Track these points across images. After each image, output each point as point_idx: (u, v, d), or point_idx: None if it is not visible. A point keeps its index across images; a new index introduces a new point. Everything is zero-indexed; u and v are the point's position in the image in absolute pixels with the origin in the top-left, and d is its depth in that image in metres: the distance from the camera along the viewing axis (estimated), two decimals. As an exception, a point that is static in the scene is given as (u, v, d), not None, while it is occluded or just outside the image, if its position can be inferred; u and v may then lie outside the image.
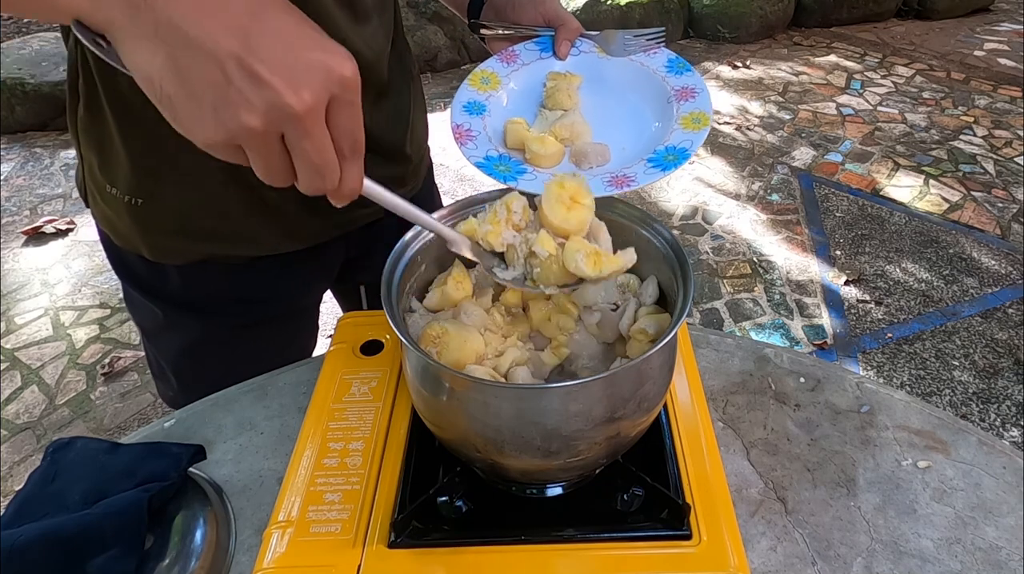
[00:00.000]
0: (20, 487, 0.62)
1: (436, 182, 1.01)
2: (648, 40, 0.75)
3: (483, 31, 0.79)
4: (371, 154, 0.77)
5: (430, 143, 0.92)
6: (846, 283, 2.27)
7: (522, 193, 0.58)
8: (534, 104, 0.73)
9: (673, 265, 0.59)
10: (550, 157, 0.66)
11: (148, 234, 0.74)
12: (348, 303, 1.05)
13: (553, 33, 0.76)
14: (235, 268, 0.79)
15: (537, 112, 0.73)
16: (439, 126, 0.92)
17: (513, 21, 0.78)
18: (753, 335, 2.09)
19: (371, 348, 0.75)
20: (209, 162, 0.69)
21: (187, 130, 0.37)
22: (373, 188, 0.47)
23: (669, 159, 0.62)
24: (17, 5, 0.38)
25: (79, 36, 0.36)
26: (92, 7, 0.34)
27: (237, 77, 0.34)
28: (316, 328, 0.98)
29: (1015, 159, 2.91)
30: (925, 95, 3.42)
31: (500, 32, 0.78)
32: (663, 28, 0.78)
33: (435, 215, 0.60)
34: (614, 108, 0.73)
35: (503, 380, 0.57)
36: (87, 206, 0.78)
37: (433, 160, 0.96)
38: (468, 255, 0.57)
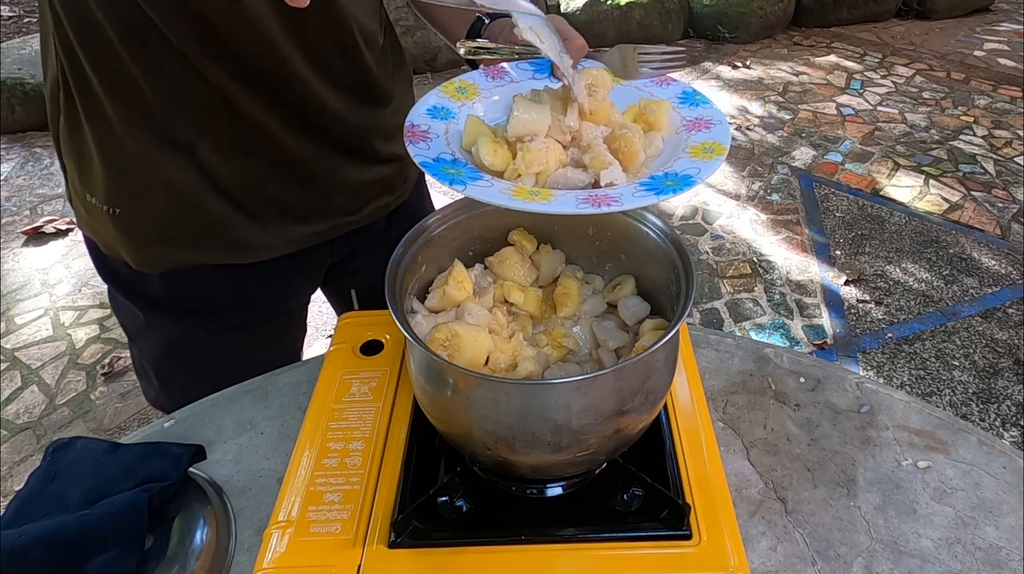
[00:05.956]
0: (20, 487, 0.62)
1: (429, 186, 1.00)
2: (665, 59, 0.64)
3: (480, 54, 0.68)
4: (360, 156, 0.76)
5: None
6: (846, 283, 2.27)
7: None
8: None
9: (674, 260, 0.59)
10: (497, 166, 0.55)
11: (129, 242, 0.75)
12: (340, 305, 1.05)
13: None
14: (217, 272, 0.79)
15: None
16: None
17: (511, 41, 0.67)
18: (753, 335, 2.09)
19: (371, 348, 0.75)
20: (181, 174, 0.70)
21: None
22: None
23: (667, 184, 0.54)
24: None
25: None
26: None
27: None
28: (303, 330, 0.98)
29: (1015, 159, 2.90)
30: (925, 95, 3.42)
31: (498, 55, 0.67)
32: (683, 49, 0.68)
33: (435, 216, 0.60)
34: None
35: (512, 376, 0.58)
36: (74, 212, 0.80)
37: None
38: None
